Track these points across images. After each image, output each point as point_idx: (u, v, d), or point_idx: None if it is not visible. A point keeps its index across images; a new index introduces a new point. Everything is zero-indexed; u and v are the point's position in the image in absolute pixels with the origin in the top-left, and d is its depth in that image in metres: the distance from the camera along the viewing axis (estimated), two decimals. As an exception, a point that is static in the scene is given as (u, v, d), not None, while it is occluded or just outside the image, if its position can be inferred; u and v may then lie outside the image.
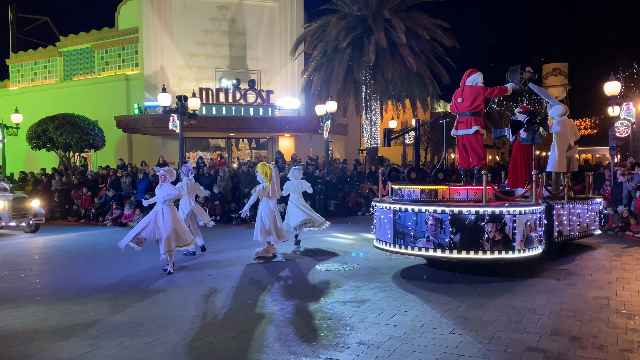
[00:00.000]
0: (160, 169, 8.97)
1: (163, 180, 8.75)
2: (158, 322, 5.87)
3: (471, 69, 9.18)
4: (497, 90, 9.26)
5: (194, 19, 24.16)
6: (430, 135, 35.96)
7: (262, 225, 9.86)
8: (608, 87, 15.80)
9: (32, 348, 5.11)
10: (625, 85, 22.13)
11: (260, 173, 10.05)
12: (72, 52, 26.74)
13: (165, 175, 8.77)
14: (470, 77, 9.10)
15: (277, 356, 4.80)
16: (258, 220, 9.96)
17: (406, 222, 8.01)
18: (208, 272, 8.69)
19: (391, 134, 10.68)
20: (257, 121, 22.99)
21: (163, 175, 8.77)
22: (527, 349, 4.92)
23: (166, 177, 8.77)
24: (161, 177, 8.76)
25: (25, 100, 26.21)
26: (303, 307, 6.42)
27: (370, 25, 21.24)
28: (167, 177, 8.78)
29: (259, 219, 9.95)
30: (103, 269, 9.19)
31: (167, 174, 8.80)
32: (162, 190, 8.66)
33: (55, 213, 18.15)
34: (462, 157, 9.43)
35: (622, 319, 5.80)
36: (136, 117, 22.56)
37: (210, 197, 16.59)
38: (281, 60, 25.09)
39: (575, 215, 9.94)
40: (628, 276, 8.01)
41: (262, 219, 9.90)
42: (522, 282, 7.60)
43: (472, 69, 9.18)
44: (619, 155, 20.52)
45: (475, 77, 9.07)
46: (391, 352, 4.87)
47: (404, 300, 6.68)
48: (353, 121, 27.93)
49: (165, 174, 8.78)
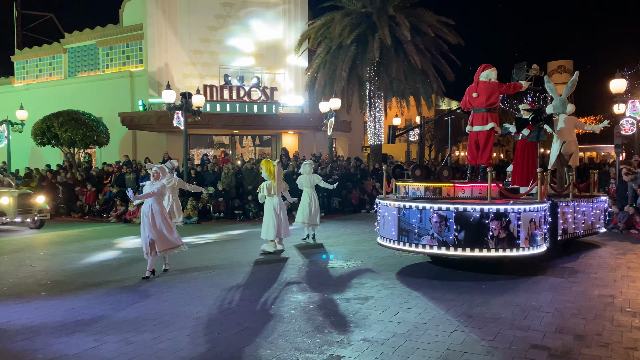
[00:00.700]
0: (154, 165, 8.69)
1: (156, 177, 8.35)
2: (162, 318, 5.89)
3: (485, 64, 9.15)
4: (512, 86, 9.23)
5: (198, 16, 24.16)
6: (435, 133, 35.90)
7: (268, 222, 9.94)
8: (614, 84, 15.72)
9: (37, 343, 5.13)
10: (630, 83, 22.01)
11: (264, 170, 10.09)
12: (76, 48, 26.80)
13: (158, 172, 8.39)
14: (483, 73, 9.06)
15: (281, 352, 4.81)
16: (265, 217, 10.05)
17: (410, 219, 8.00)
18: (212, 269, 8.71)
19: (395, 131, 10.68)
20: (261, 118, 23.00)
21: (156, 172, 8.38)
22: (531, 346, 4.91)
23: (159, 174, 8.39)
24: (153, 175, 8.36)
25: (30, 96, 26.29)
26: (307, 304, 6.42)
27: (375, 22, 21.20)
28: (160, 175, 8.40)
29: (266, 216, 10.04)
30: (107, 264, 9.22)
31: (160, 171, 8.44)
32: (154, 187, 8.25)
33: (60, 209, 18.22)
34: (472, 153, 9.39)
35: (626, 317, 5.78)
36: (140, 113, 22.60)
37: (214, 194, 16.64)
38: (285, 57, 25.07)
39: (580, 213, 9.90)
40: (633, 274, 7.98)
41: (268, 216, 9.98)
42: (527, 279, 7.58)
43: (485, 64, 9.15)
44: (624, 153, 20.40)
45: (489, 72, 9.04)
46: (395, 349, 4.86)
47: (408, 298, 6.67)
48: (357, 118, 27.90)
49: (159, 171, 8.42)
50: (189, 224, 15.26)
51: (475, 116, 9.18)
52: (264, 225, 10.11)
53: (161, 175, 8.41)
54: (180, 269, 8.66)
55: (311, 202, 11.36)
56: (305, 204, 11.38)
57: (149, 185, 8.30)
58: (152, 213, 8.05)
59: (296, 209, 11.83)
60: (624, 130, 16.37)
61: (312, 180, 11.46)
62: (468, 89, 9.25)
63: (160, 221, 8.10)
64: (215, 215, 16.18)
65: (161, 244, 8.05)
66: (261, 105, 23.14)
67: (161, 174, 8.40)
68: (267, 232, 10.01)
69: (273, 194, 10.03)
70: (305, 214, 11.32)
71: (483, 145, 9.15)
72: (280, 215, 10.06)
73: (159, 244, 8.02)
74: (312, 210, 11.34)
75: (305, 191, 11.51)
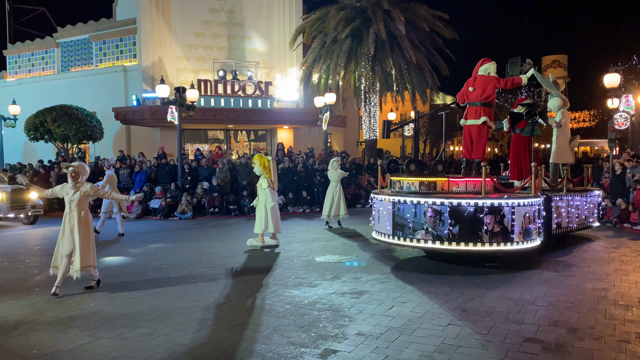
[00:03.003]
0: (70, 165, 6.94)
1: (74, 178, 6.78)
2: (157, 314, 5.88)
3: (484, 58, 9.13)
4: (510, 81, 9.18)
5: (192, 10, 24.01)
6: (429, 127, 35.90)
7: (261, 216, 9.94)
8: (607, 79, 15.76)
9: (32, 339, 5.11)
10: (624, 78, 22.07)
11: (257, 165, 10.05)
12: (69, 43, 26.58)
13: (76, 172, 6.82)
14: (482, 66, 9.06)
15: (276, 347, 4.81)
16: (258, 211, 10.05)
17: (405, 214, 8.01)
18: (207, 264, 8.70)
19: (390, 125, 10.70)
20: (256, 113, 22.93)
21: (73, 172, 6.79)
22: (525, 339, 4.94)
23: (78, 174, 6.83)
24: (71, 175, 6.77)
25: (23, 91, 26.10)
26: (302, 299, 6.43)
27: (370, 16, 21.13)
28: (80, 175, 6.85)
29: (259, 210, 10.04)
30: (100, 260, 9.19)
31: (79, 170, 6.85)
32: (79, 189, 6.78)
33: (54, 205, 18.12)
34: (466, 147, 9.40)
35: (619, 310, 5.82)
36: (134, 108, 22.48)
37: (209, 189, 16.60)
38: (280, 52, 24.97)
39: (573, 208, 9.95)
40: (626, 268, 8.03)
41: (261, 210, 9.99)
42: (521, 273, 7.62)
43: (485, 58, 9.13)
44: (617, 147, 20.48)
45: (488, 66, 9.02)
46: (390, 343, 4.88)
47: (403, 292, 6.69)
48: (352, 113, 27.87)
49: (77, 170, 6.83)
50: (183, 219, 15.24)
51: (470, 110, 9.18)
52: (257, 219, 10.09)
53: (80, 175, 6.85)
54: (174, 264, 8.64)
55: (334, 194, 12.69)
56: (329, 196, 12.76)
57: (70, 189, 6.76)
58: (78, 221, 6.72)
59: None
60: (618, 124, 16.43)
61: (339, 175, 12.85)
62: (466, 82, 9.25)
63: (90, 231, 6.90)
64: (210, 211, 16.15)
65: (86, 259, 6.80)
66: (256, 100, 23.06)
67: (80, 173, 6.85)
68: (261, 226, 10.02)
69: (268, 187, 10.05)
70: (330, 206, 12.66)
71: (476, 140, 9.16)
72: (275, 210, 10.09)
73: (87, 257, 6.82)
74: (335, 202, 12.66)
75: (332, 184, 12.84)
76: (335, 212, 12.67)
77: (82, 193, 6.78)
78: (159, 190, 16.41)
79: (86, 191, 6.81)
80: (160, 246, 10.59)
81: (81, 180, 6.87)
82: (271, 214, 9.99)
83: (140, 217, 15.77)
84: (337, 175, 12.82)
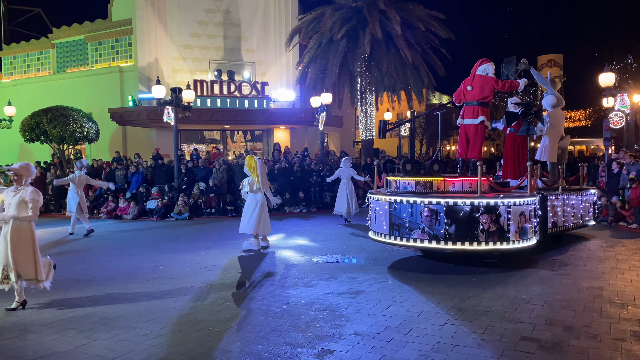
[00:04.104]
0: (10, 167, 6.36)
1: (18, 181, 6.13)
2: (154, 314, 5.88)
3: (483, 58, 9.17)
4: (508, 84, 9.20)
5: (188, 11, 23.97)
6: (426, 127, 35.95)
7: (249, 217, 9.78)
8: (602, 78, 15.81)
9: (28, 341, 5.10)
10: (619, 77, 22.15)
11: (245, 166, 10.00)
12: (65, 44, 26.50)
13: (18, 174, 6.14)
14: (481, 67, 9.09)
15: (273, 347, 4.82)
16: (245, 212, 9.91)
17: (401, 213, 8.02)
18: (203, 265, 8.69)
19: (386, 125, 10.70)
20: (252, 113, 22.89)
21: (15, 175, 6.13)
22: (521, 338, 4.96)
23: (21, 177, 6.17)
24: (13, 179, 6.14)
25: (19, 92, 25.99)
26: (298, 299, 6.43)
27: (366, 16, 21.14)
28: (23, 178, 6.19)
29: (246, 211, 9.91)
30: (98, 261, 9.17)
31: (21, 173, 6.17)
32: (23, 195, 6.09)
33: (50, 206, 18.08)
34: (462, 146, 9.41)
35: (615, 309, 5.85)
36: (130, 109, 22.41)
37: (205, 189, 16.58)
38: (276, 52, 24.94)
39: (569, 207, 9.98)
40: (621, 266, 8.07)
41: (248, 211, 9.85)
42: (517, 272, 7.64)
43: (484, 58, 9.17)
44: (613, 146, 20.54)
45: (487, 66, 9.06)
46: (386, 343, 4.89)
47: (400, 292, 6.70)
48: (348, 113, 27.87)
49: (20, 172, 6.15)
50: (180, 220, 15.22)
51: (467, 109, 9.20)
52: (242, 219, 9.86)
53: (24, 177, 6.18)
54: (170, 265, 8.63)
55: (348, 191, 13.44)
56: (343, 193, 13.50)
57: (13, 191, 6.18)
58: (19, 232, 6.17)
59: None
60: (613, 123, 16.48)
61: (349, 173, 13.65)
62: (464, 81, 9.27)
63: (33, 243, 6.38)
64: (207, 211, 16.13)
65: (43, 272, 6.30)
66: (252, 100, 23.04)
67: (23, 175, 6.19)
68: (247, 227, 9.73)
69: (256, 189, 9.88)
70: (343, 203, 13.44)
71: (473, 139, 9.18)
72: (264, 211, 9.86)
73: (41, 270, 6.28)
74: (348, 199, 13.37)
75: (343, 182, 13.60)
76: (348, 209, 13.45)
77: (20, 198, 6.07)
78: (155, 191, 16.40)
79: (24, 198, 6.07)
80: (156, 247, 10.57)
81: (25, 182, 6.18)
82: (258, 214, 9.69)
83: (136, 218, 15.74)
84: (347, 173, 13.70)
